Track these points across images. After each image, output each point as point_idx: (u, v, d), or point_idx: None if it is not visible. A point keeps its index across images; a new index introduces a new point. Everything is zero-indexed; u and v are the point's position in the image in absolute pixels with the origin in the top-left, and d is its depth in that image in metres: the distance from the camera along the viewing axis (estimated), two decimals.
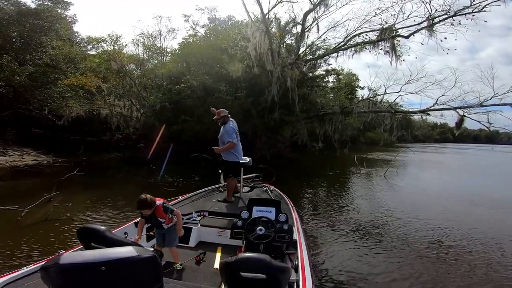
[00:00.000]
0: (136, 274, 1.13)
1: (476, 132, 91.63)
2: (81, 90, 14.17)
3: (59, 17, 17.03)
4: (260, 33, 10.97)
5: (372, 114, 13.74)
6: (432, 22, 11.25)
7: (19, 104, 13.81)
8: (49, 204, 5.30)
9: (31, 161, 11.83)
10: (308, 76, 15.45)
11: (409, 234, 4.99)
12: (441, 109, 12.55)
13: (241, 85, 13.80)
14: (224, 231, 3.16)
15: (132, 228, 2.91)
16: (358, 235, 4.85)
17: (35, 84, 14.14)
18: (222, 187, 4.63)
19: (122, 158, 14.85)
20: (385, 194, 8.57)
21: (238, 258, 1.45)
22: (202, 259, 2.75)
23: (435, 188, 10.04)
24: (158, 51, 22.51)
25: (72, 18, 19.67)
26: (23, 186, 8.03)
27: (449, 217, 6.18)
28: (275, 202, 2.99)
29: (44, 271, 1.06)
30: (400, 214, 6.28)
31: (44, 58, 14.96)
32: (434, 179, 12.35)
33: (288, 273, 1.54)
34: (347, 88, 22.91)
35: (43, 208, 5.11)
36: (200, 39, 17.50)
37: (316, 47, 14.56)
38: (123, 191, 7.63)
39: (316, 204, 7.21)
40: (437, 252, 4.27)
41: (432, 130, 79.58)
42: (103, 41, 19.46)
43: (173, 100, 15.04)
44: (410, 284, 3.33)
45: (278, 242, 2.59)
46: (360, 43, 12.72)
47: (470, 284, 3.40)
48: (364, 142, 32.29)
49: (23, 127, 14.37)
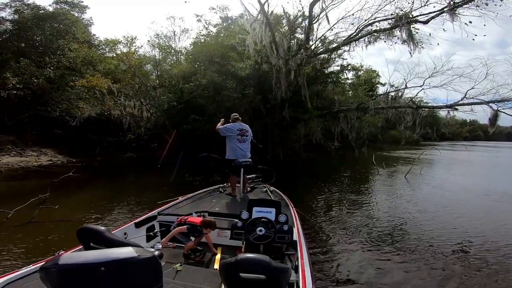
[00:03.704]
0: (136, 275, 1.12)
1: (508, 129, 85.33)
2: (97, 92, 14.43)
3: (76, 20, 17.55)
4: (260, 25, 10.28)
5: (391, 110, 12.71)
6: (454, 4, 10.04)
7: (39, 106, 14.27)
8: (37, 206, 5.20)
9: (45, 161, 12.13)
10: (322, 72, 14.70)
11: (414, 239, 4.65)
12: (471, 104, 11.21)
13: (249, 82, 13.38)
14: (224, 231, 3.15)
15: (132, 229, 2.95)
16: (361, 238, 4.68)
17: (53, 87, 14.61)
18: (222, 187, 4.68)
19: (135, 158, 14.99)
20: (401, 198, 7.76)
21: (238, 258, 1.46)
22: (202, 259, 2.74)
23: (463, 192, 8.96)
24: (173, 52, 22.66)
25: (88, 21, 20.30)
26: (25, 186, 8.08)
27: (477, 228, 5.36)
28: (275, 202, 2.98)
29: (44, 271, 1.06)
30: (412, 220, 5.68)
31: (63, 61, 15.43)
32: (462, 181, 11.09)
33: (288, 273, 1.52)
34: (367, 85, 21.89)
35: (31, 210, 5.00)
36: (212, 38, 17.30)
37: (328, 41, 13.80)
38: (120, 193, 7.42)
39: (321, 206, 6.77)
40: (455, 264, 3.81)
41: (461, 127, 75.04)
42: (119, 43, 19.87)
43: (183, 99, 14.92)
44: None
45: (278, 243, 2.59)
46: (373, 31, 11.72)
47: None
48: (386, 141, 30.75)
49: (43, 128, 14.87)
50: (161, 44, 22.69)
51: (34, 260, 3.51)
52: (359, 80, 23.50)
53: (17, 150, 13.05)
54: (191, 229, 2.78)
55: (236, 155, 4.41)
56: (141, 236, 3.03)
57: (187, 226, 2.79)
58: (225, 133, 4.50)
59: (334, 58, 14.93)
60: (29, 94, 13.75)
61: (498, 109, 10.48)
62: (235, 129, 4.50)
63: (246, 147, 4.57)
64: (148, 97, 15.08)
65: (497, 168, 17.32)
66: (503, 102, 10.41)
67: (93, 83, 13.46)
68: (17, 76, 13.20)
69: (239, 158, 4.34)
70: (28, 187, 7.72)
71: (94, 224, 1.96)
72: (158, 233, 3.22)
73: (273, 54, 10.98)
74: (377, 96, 15.52)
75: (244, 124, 4.67)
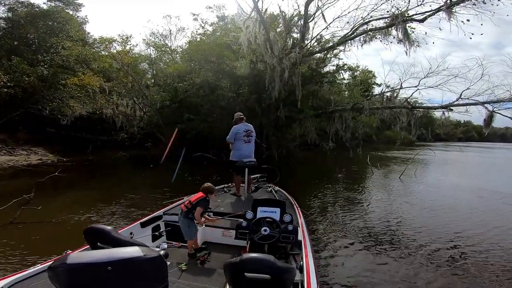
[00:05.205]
0: (142, 274, 1.13)
1: (502, 130, 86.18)
2: (90, 90, 14.22)
3: (70, 18, 17.31)
4: (254, 23, 10.14)
5: (386, 110, 12.66)
6: (451, 2, 9.96)
7: (30, 104, 14.03)
8: (20, 207, 5.03)
9: (35, 160, 11.90)
10: (317, 71, 14.62)
11: (417, 242, 4.60)
12: (466, 104, 11.17)
13: (244, 81, 13.26)
14: (228, 231, 3.19)
15: (138, 228, 2.99)
16: (364, 238, 4.69)
17: (45, 85, 14.37)
18: (226, 187, 4.75)
19: (128, 157, 14.80)
20: (397, 199, 7.71)
21: (243, 258, 1.46)
22: (207, 259, 2.78)
23: (457, 193, 8.92)
24: (168, 51, 22.48)
25: (83, 19, 20.06)
26: (12, 186, 7.84)
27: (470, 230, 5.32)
28: (280, 202, 2.97)
29: (52, 270, 1.07)
30: (410, 221, 5.72)
31: (56, 59, 15.19)
32: (456, 183, 11.04)
33: (293, 273, 1.54)
34: (363, 85, 21.92)
35: (14, 210, 4.83)
36: (208, 37, 17.16)
37: (324, 41, 13.71)
38: (108, 194, 7.25)
39: (316, 206, 6.67)
40: (453, 265, 3.85)
41: (455, 128, 75.57)
42: (114, 41, 19.63)
43: (177, 98, 14.77)
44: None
45: (282, 243, 2.61)
46: (369, 30, 11.65)
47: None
48: (382, 141, 30.85)
49: (35, 126, 14.64)
50: (156, 43, 22.52)
51: (7, 263, 3.41)
52: (355, 80, 23.54)
53: (7, 149, 12.81)
54: (205, 204, 2.92)
55: (241, 156, 4.45)
56: (147, 235, 3.08)
57: (202, 204, 2.89)
58: (234, 138, 4.57)
59: (330, 58, 14.91)
60: (20, 92, 13.51)
61: (494, 110, 10.42)
62: (241, 130, 4.56)
63: (251, 147, 4.64)
64: (141, 96, 14.89)
65: (492, 168, 17.38)
66: (499, 103, 10.35)
67: (85, 81, 13.24)
68: (8, 74, 12.94)
69: (244, 158, 4.38)
70: (14, 187, 7.48)
71: (101, 224, 1.97)
72: (163, 233, 3.26)
73: (267, 53, 10.85)
74: (373, 96, 15.47)
75: (248, 124, 4.73)
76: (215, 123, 13.26)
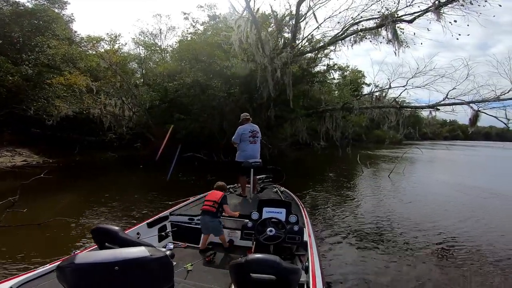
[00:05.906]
0: (148, 274, 1.14)
1: (486, 129, 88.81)
2: (77, 90, 13.89)
3: (56, 17, 16.85)
4: (245, 22, 10.09)
5: (375, 109, 12.85)
6: (439, 3, 10.18)
7: (14, 104, 13.59)
8: (5, 210, 4.86)
9: (19, 161, 11.53)
10: (308, 71, 14.71)
11: (418, 240, 4.67)
12: (452, 104, 11.41)
13: (235, 81, 13.22)
14: (234, 232, 3.21)
15: (144, 229, 3.01)
16: (367, 239, 4.70)
17: (29, 84, 13.94)
18: (232, 188, 4.72)
19: (116, 158, 14.52)
20: (388, 198, 7.83)
21: (248, 259, 1.46)
22: (212, 259, 2.78)
23: (444, 190, 9.22)
24: (158, 50, 22.18)
25: (69, 17, 19.51)
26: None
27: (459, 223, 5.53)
28: (285, 203, 2.98)
29: (60, 270, 1.08)
30: (410, 221, 5.72)
31: (41, 58, 14.76)
32: (442, 180, 11.34)
33: (298, 274, 1.54)
34: (353, 85, 22.19)
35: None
36: (199, 36, 17.01)
37: (315, 41, 13.80)
38: (95, 195, 7.09)
39: (313, 207, 6.60)
40: (453, 259, 4.00)
41: (441, 127, 77.47)
42: (102, 40, 19.20)
43: (167, 98, 14.59)
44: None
45: (288, 243, 2.61)
46: (359, 30, 11.80)
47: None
48: (371, 141, 31.33)
49: (20, 127, 14.18)
50: (146, 42, 22.19)
51: None
52: (345, 80, 23.82)
53: None
54: (226, 200, 3.18)
55: (246, 156, 4.42)
56: (154, 236, 3.10)
57: (225, 201, 3.15)
58: (240, 139, 4.53)
59: (320, 57, 14.98)
60: (4, 92, 13.09)
61: (479, 109, 10.67)
62: (247, 131, 4.51)
63: (256, 147, 4.59)
64: (130, 96, 14.64)
65: (476, 166, 17.94)
66: (484, 103, 10.61)
67: (71, 81, 12.92)
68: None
69: (249, 159, 4.35)
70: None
71: (108, 225, 1.99)
72: (169, 233, 3.28)
73: (258, 52, 10.83)
74: (362, 96, 15.68)
75: (254, 124, 4.68)
76: (206, 123, 13.17)
